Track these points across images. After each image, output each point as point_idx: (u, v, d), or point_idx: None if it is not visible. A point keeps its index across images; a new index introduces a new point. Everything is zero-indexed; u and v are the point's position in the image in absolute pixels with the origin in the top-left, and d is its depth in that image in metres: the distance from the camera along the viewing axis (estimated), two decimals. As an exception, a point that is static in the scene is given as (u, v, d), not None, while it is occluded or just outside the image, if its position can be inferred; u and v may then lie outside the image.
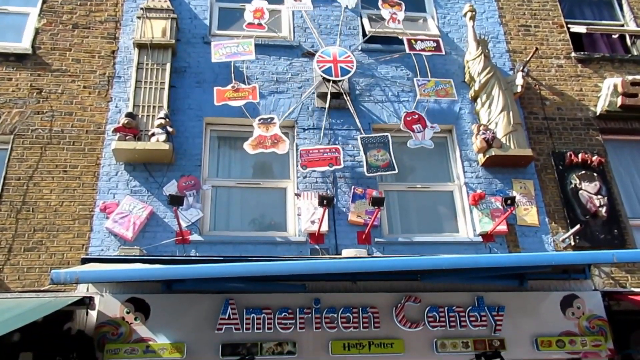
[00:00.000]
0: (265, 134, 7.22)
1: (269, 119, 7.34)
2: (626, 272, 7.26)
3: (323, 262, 6.07)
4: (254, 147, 7.16)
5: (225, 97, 7.41)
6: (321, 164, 7.23)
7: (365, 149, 7.39)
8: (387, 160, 7.32)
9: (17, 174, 6.84)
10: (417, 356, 6.29)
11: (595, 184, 7.69)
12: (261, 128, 7.26)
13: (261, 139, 7.20)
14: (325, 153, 7.28)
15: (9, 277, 6.28)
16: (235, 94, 7.42)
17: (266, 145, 7.17)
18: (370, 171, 7.30)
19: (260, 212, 7.43)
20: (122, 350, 5.81)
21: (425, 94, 7.92)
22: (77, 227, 6.64)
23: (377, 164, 7.31)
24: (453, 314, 6.47)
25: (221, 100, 7.39)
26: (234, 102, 7.41)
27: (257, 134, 7.23)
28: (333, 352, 6.13)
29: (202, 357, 5.96)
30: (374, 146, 7.39)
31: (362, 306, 6.37)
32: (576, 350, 6.44)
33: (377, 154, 7.30)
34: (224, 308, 6.12)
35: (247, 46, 7.71)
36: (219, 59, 7.63)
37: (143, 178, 7.03)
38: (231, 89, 7.45)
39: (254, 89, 7.49)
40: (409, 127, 7.63)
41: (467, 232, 7.40)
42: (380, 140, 7.44)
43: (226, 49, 7.68)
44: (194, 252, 6.66)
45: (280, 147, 7.18)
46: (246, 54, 7.68)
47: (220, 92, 7.44)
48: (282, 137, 7.22)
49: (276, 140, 7.20)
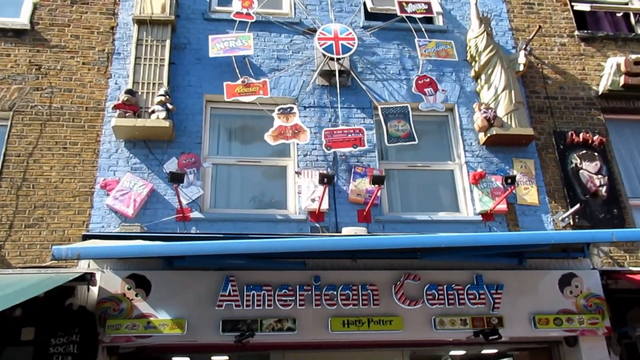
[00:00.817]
0: (286, 124, 7.16)
1: (289, 109, 7.26)
2: (625, 251, 7.28)
3: (323, 240, 6.09)
4: (275, 137, 7.11)
5: (235, 92, 7.29)
6: (345, 145, 7.21)
7: (386, 119, 7.39)
8: (408, 131, 7.35)
9: (17, 151, 6.82)
10: (416, 333, 6.35)
11: (595, 164, 7.67)
12: (281, 118, 7.19)
13: (282, 130, 7.14)
14: (349, 134, 7.25)
15: (10, 253, 6.31)
16: (245, 89, 7.30)
17: (287, 136, 7.12)
18: (391, 141, 7.33)
19: (261, 190, 7.44)
20: (123, 326, 5.86)
21: (426, 54, 7.90)
22: (78, 204, 6.65)
23: (398, 134, 7.33)
24: (452, 291, 6.50)
25: (231, 96, 7.26)
26: (244, 98, 7.29)
27: (278, 124, 7.15)
28: (332, 328, 6.18)
29: (203, 333, 6.01)
30: (394, 116, 7.41)
31: (361, 284, 6.40)
32: (573, 328, 6.50)
33: (397, 125, 7.32)
34: (224, 285, 6.15)
35: (245, 40, 7.56)
36: (216, 53, 7.48)
37: (143, 155, 7.01)
38: (241, 84, 7.32)
39: (264, 83, 7.37)
40: (421, 90, 7.68)
41: (467, 211, 7.41)
42: (400, 111, 7.46)
43: (224, 43, 7.54)
44: (195, 229, 6.68)
45: (302, 138, 7.14)
46: (244, 48, 7.52)
47: (231, 87, 7.31)
48: (302, 127, 7.17)
49: (297, 131, 7.15)
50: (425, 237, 6.27)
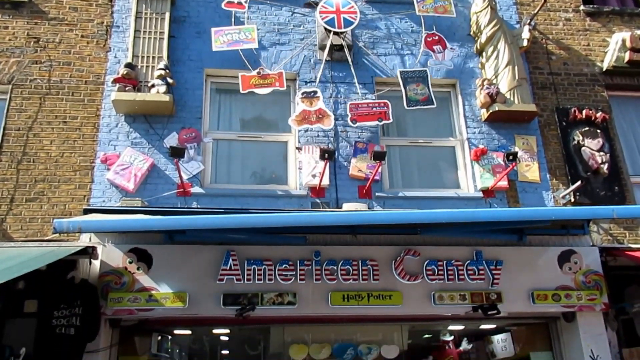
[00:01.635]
0: (310, 109, 7.09)
1: (312, 93, 7.19)
2: (624, 228, 7.29)
3: (324, 215, 6.13)
4: (299, 122, 7.06)
5: (251, 83, 7.14)
6: (370, 119, 7.19)
7: (405, 82, 7.39)
8: (426, 95, 7.36)
9: (17, 125, 6.79)
10: (415, 308, 6.40)
11: (598, 141, 7.64)
12: (305, 102, 7.13)
13: (306, 114, 7.08)
14: (375, 107, 7.23)
15: (12, 226, 6.32)
16: (261, 81, 7.16)
17: (311, 121, 7.06)
18: (410, 104, 7.34)
19: (261, 166, 7.43)
20: (125, 299, 5.91)
21: (424, 10, 7.85)
22: (78, 178, 6.64)
23: (417, 98, 7.33)
24: (451, 267, 6.53)
25: (247, 87, 7.12)
26: (260, 90, 7.16)
27: (301, 108, 7.10)
28: (332, 303, 6.23)
29: (204, 307, 6.07)
30: (413, 80, 7.42)
31: (361, 259, 6.43)
32: (571, 304, 6.55)
33: (416, 88, 7.33)
34: (225, 259, 6.18)
35: (249, 33, 7.37)
36: (220, 47, 7.28)
37: (143, 130, 6.98)
38: (257, 75, 7.18)
39: (280, 75, 7.23)
40: (430, 47, 7.70)
41: (468, 187, 7.41)
42: (419, 75, 7.47)
43: (227, 35, 7.34)
44: (195, 204, 6.68)
45: (326, 122, 7.09)
46: (249, 42, 7.33)
47: (246, 79, 7.17)
48: (327, 112, 7.11)
49: (321, 115, 7.09)
50: (426, 212, 6.29)
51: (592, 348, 6.49)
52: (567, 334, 6.77)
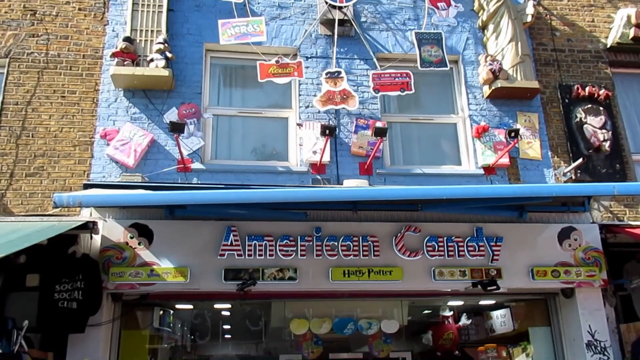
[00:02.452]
0: (334, 89, 7.05)
1: (336, 73, 7.12)
2: (625, 206, 7.30)
3: (324, 190, 6.12)
4: (324, 103, 7.01)
5: (269, 72, 7.02)
6: (393, 89, 7.15)
7: (419, 44, 7.34)
8: (440, 57, 7.31)
9: (15, 99, 6.73)
10: (415, 283, 6.44)
11: (600, 118, 7.60)
12: (329, 83, 7.07)
13: (330, 95, 7.04)
14: (397, 77, 7.18)
15: (12, 201, 6.31)
16: (280, 70, 7.04)
17: (336, 102, 7.03)
18: (424, 65, 7.30)
19: (262, 142, 7.39)
20: (126, 274, 5.93)
21: None
22: (78, 154, 6.61)
23: (431, 60, 7.30)
24: (452, 243, 6.55)
25: (265, 77, 7.00)
26: (278, 79, 7.06)
27: (326, 89, 7.05)
28: (333, 278, 6.25)
29: (205, 282, 6.09)
30: (427, 42, 7.37)
31: (362, 235, 6.44)
32: (570, 280, 6.58)
33: (430, 50, 7.29)
34: (226, 234, 6.18)
35: (257, 26, 7.18)
36: (227, 40, 7.11)
37: (143, 105, 6.93)
38: (275, 64, 7.05)
39: (299, 64, 7.10)
40: (434, 4, 7.63)
41: (469, 164, 7.39)
42: (434, 37, 7.43)
43: (235, 28, 7.16)
44: (196, 180, 6.66)
45: (350, 103, 7.04)
46: (257, 34, 7.15)
47: (264, 67, 7.04)
48: (351, 92, 7.07)
49: (345, 96, 7.05)
50: (426, 188, 6.28)
51: (590, 323, 6.54)
52: (566, 310, 6.82)
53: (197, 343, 8.50)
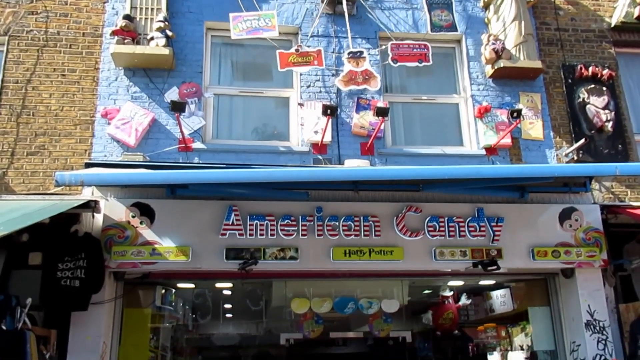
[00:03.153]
0: (356, 69, 7.01)
1: (358, 53, 7.07)
2: (626, 187, 7.29)
3: (326, 170, 6.11)
4: (346, 83, 7.00)
5: (289, 61, 6.96)
6: (411, 59, 7.14)
7: (430, 8, 7.32)
8: (450, 22, 7.30)
9: (15, 77, 6.69)
10: (416, 263, 6.47)
11: (603, 98, 7.56)
12: (351, 63, 7.02)
13: (352, 75, 7.01)
14: (415, 49, 7.17)
15: (14, 180, 6.31)
16: (299, 59, 6.97)
17: (358, 82, 7.01)
18: (434, 30, 7.30)
19: (263, 121, 7.37)
20: (129, 252, 5.95)
21: None
22: (79, 133, 6.59)
23: (441, 24, 7.28)
24: (453, 224, 6.56)
25: (285, 66, 6.95)
26: (299, 68, 7.02)
27: (348, 69, 7.01)
28: (334, 258, 6.27)
29: (207, 261, 6.11)
30: (438, 6, 7.34)
31: (363, 215, 6.45)
32: (571, 260, 6.60)
33: (440, 14, 7.26)
34: (227, 214, 6.19)
35: (269, 20, 7.05)
36: (239, 35, 6.99)
37: (143, 84, 6.89)
38: (295, 53, 6.98)
39: (318, 52, 7.03)
40: None
41: (471, 145, 7.36)
42: (444, 2, 7.38)
43: (246, 22, 7.02)
44: (197, 159, 6.65)
45: (372, 84, 7.03)
46: (269, 29, 7.03)
47: (284, 56, 6.97)
48: (373, 73, 7.04)
49: (367, 77, 7.03)
50: (428, 168, 6.29)
51: (590, 303, 6.59)
52: (565, 290, 6.86)
53: (199, 322, 8.60)
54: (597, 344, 6.48)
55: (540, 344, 7.13)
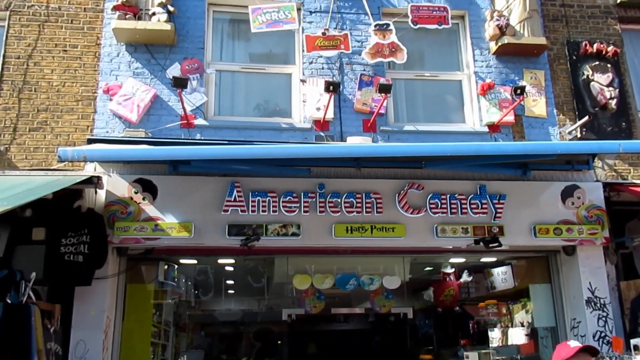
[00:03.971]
0: (383, 42, 7.01)
1: (385, 25, 7.05)
2: (629, 164, 7.27)
3: (328, 147, 6.11)
4: (373, 55, 6.99)
5: (316, 45, 6.97)
6: (431, 22, 7.19)
7: None
8: None
9: (17, 52, 6.66)
10: (418, 240, 6.49)
11: (608, 75, 7.49)
12: (378, 35, 7.01)
13: (379, 47, 7.01)
14: (435, 11, 7.23)
15: (16, 156, 6.32)
16: (326, 42, 6.97)
17: (384, 54, 7.01)
18: None
19: (265, 98, 7.34)
20: (131, 228, 5.98)
21: None
22: (81, 109, 6.58)
23: None
24: (455, 201, 6.56)
25: (312, 49, 6.98)
26: (326, 52, 7.01)
27: (374, 41, 7.02)
28: (336, 234, 6.29)
29: (209, 237, 6.14)
30: None
31: (365, 192, 6.45)
32: (572, 238, 6.61)
33: None
34: (229, 190, 6.20)
35: (289, 12, 6.98)
36: (259, 28, 6.92)
37: (145, 60, 6.85)
38: (322, 37, 6.96)
39: (345, 36, 7.04)
40: None
41: (474, 122, 7.33)
42: None
43: (266, 15, 6.93)
44: (199, 136, 6.64)
45: (399, 57, 7.04)
46: (289, 22, 6.96)
47: (311, 40, 6.98)
48: (399, 46, 7.03)
49: (394, 49, 7.02)
50: (430, 145, 6.28)
51: (591, 281, 6.61)
52: (567, 267, 6.88)
53: (201, 298, 8.67)
54: (598, 320, 6.52)
55: (541, 320, 7.18)
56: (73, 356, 5.61)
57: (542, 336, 7.33)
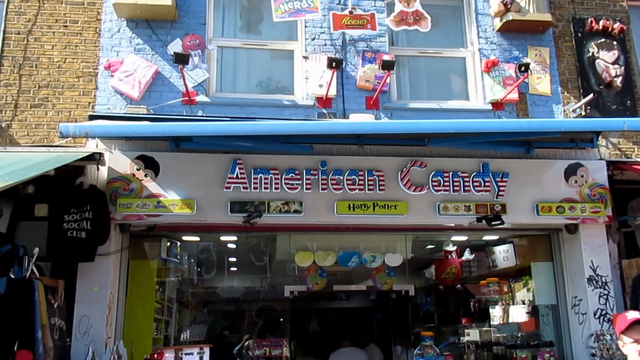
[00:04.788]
0: (407, 10, 6.92)
1: None
2: (633, 143, 7.23)
3: (330, 123, 6.09)
4: (397, 23, 6.91)
5: (342, 24, 6.88)
6: None
7: None
8: None
9: (17, 28, 6.60)
10: (420, 218, 6.48)
11: (613, 53, 7.41)
12: (402, 3, 6.92)
13: (403, 15, 6.92)
14: None
15: (18, 132, 6.31)
16: (353, 21, 6.87)
17: (409, 22, 6.93)
18: None
19: (267, 75, 7.29)
20: (134, 205, 5.98)
21: None
22: (82, 85, 6.54)
23: None
24: (457, 179, 6.54)
25: (338, 28, 6.89)
26: (351, 30, 6.93)
27: (399, 9, 6.93)
28: (338, 212, 6.29)
29: (212, 214, 6.14)
30: None
31: (368, 169, 6.43)
32: (575, 216, 6.60)
33: None
34: (232, 167, 6.19)
35: (311, 1, 6.81)
36: (281, 17, 6.79)
37: (146, 36, 6.79)
38: (349, 15, 6.86)
39: (372, 16, 6.94)
40: None
41: (477, 99, 7.28)
42: None
43: (288, 4, 6.79)
44: (201, 112, 6.61)
45: (423, 25, 6.95)
46: (311, 11, 6.82)
47: (338, 18, 6.88)
48: (423, 14, 6.95)
49: (418, 17, 6.94)
50: (433, 122, 6.24)
51: (593, 259, 6.62)
52: (569, 245, 6.89)
53: (204, 276, 8.72)
54: (599, 298, 6.54)
55: (542, 298, 7.21)
56: (77, 331, 5.65)
57: (543, 314, 7.37)
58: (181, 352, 5.43)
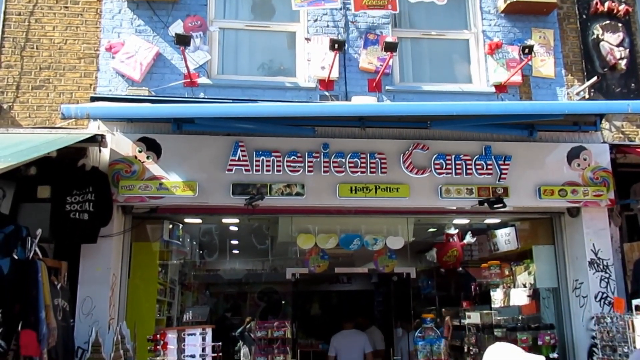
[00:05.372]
0: None
1: None
2: (637, 126, 7.20)
3: (333, 105, 6.06)
4: None
5: (363, 4, 6.80)
6: None
7: None
8: None
9: (17, 9, 6.56)
10: (422, 201, 6.49)
11: (618, 35, 7.34)
12: None
13: None
14: None
15: (20, 114, 6.30)
16: (373, 2, 6.80)
17: None
18: None
19: (269, 57, 7.25)
20: (136, 187, 5.98)
21: None
22: (84, 67, 6.52)
23: None
24: (460, 161, 6.52)
25: (359, 8, 6.83)
26: (373, 11, 6.89)
27: None
28: (340, 194, 6.29)
29: (214, 196, 6.15)
30: None
31: (370, 152, 6.42)
32: (577, 200, 6.60)
33: None
34: (234, 150, 6.18)
35: None
36: (300, 5, 6.74)
37: (147, 17, 6.74)
38: None
39: None
40: None
41: (480, 82, 7.24)
42: None
43: None
44: (203, 94, 6.58)
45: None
46: (331, 0, 6.78)
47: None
48: None
49: None
50: (436, 104, 6.22)
51: (594, 242, 6.62)
52: (571, 229, 6.89)
53: (206, 259, 8.76)
54: (600, 282, 6.56)
55: (543, 281, 7.23)
56: (80, 312, 5.69)
57: (544, 297, 7.40)
58: (184, 333, 5.46)
